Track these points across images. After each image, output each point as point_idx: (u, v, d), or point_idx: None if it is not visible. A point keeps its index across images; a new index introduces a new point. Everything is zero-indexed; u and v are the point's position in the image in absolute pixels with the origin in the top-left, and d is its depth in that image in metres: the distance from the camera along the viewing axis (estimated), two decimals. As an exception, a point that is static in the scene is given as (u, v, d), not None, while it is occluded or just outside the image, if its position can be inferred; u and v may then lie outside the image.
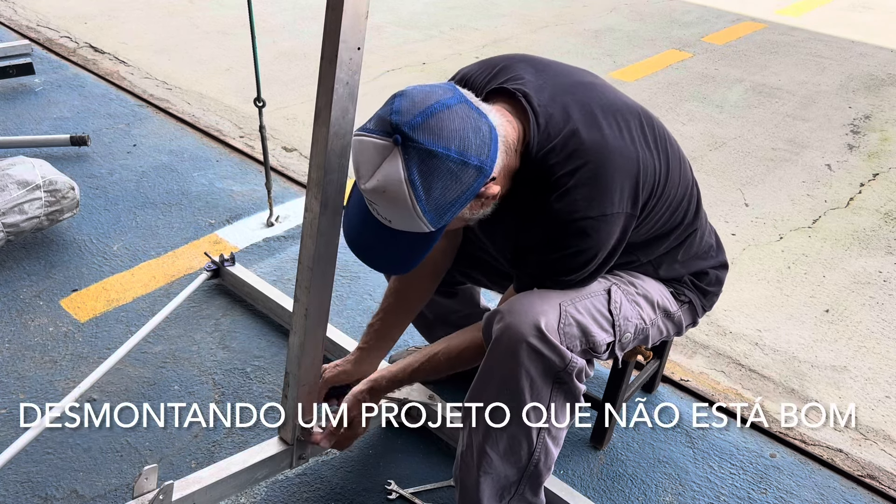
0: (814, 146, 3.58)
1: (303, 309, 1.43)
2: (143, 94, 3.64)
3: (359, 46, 1.18)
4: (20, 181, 2.30)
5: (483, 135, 1.12)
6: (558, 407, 1.32)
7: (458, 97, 1.13)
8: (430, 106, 1.09)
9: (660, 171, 1.30)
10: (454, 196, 1.11)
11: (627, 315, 1.40)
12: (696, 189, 1.48)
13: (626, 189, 1.23)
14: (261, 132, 2.43)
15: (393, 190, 1.08)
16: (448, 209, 1.12)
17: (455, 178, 1.09)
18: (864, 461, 1.87)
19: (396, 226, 1.14)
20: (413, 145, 1.07)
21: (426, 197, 1.08)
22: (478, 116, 1.13)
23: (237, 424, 1.84)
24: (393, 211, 1.11)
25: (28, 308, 2.17)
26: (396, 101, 1.11)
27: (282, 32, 4.71)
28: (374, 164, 1.09)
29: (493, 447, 1.34)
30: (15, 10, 4.71)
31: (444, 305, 1.78)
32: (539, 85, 1.28)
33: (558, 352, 1.25)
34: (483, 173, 1.12)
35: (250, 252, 2.50)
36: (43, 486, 1.65)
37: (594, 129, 1.23)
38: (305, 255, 1.37)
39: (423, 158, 1.07)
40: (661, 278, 1.51)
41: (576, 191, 1.20)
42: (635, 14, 5.55)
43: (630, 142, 1.26)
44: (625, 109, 1.30)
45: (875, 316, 2.41)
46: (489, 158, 1.12)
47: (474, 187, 1.12)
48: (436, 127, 1.07)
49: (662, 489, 1.75)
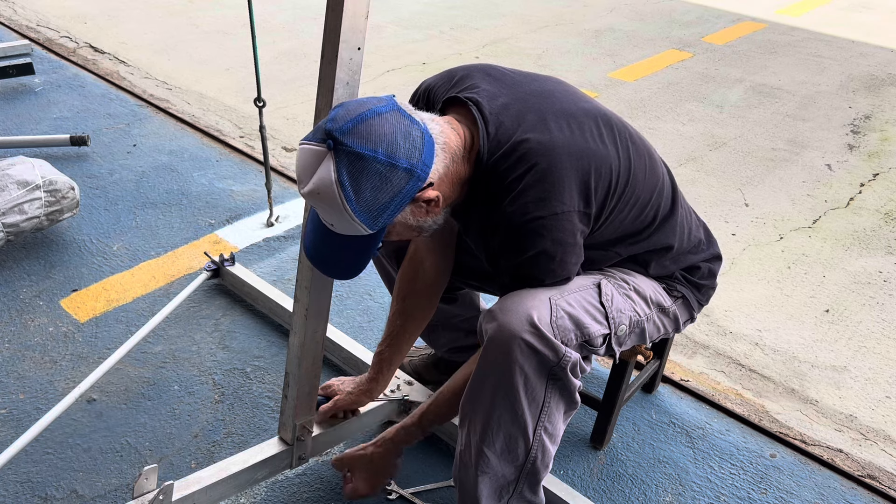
0: (814, 146, 3.58)
1: (303, 308, 1.43)
2: (143, 94, 3.64)
3: (359, 46, 1.19)
4: (20, 181, 2.30)
5: (414, 139, 1.16)
6: (554, 404, 1.32)
7: (392, 105, 1.17)
8: (361, 113, 1.14)
9: (619, 167, 1.31)
10: (387, 198, 1.15)
11: (620, 307, 1.40)
12: (671, 186, 1.48)
13: (574, 187, 1.25)
14: (261, 132, 2.44)
15: (325, 192, 1.13)
16: (381, 211, 1.16)
17: (384, 180, 1.13)
18: (864, 461, 1.87)
19: (339, 230, 1.18)
20: (343, 149, 1.12)
21: (356, 197, 1.13)
22: (409, 123, 1.17)
23: (237, 424, 1.84)
24: (330, 214, 1.16)
25: (28, 308, 2.18)
26: (334, 111, 1.16)
27: (282, 32, 4.71)
28: (311, 169, 1.14)
29: (490, 447, 1.35)
30: (15, 10, 4.71)
31: (446, 311, 1.78)
32: (493, 93, 1.32)
33: (552, 345, 1.26)
34: (414, 175, 1.16)
35: (250, 252, 2.50)
36: (43, 486, 1.65)
37: (543, 133, 1.26)
38: (305, 255, 1.37)
39: (352, 161, 1.12)
40: (652, 276, 1.51)
41: (526, 193, 1.23)
42: (635, 14, 5.55)
43: (581, 140, 1.28)
44: (580, 114, 1.32)
45: (875, 316, 2.41)
46: (420, 162, 1.16)
47: (406, 189, 1.16)
48: (364, 132, 1.12)
49: (662, 489, 1.75)
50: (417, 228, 1.27)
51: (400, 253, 1.67)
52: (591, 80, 4.20)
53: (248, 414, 1.87)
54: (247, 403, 1.90)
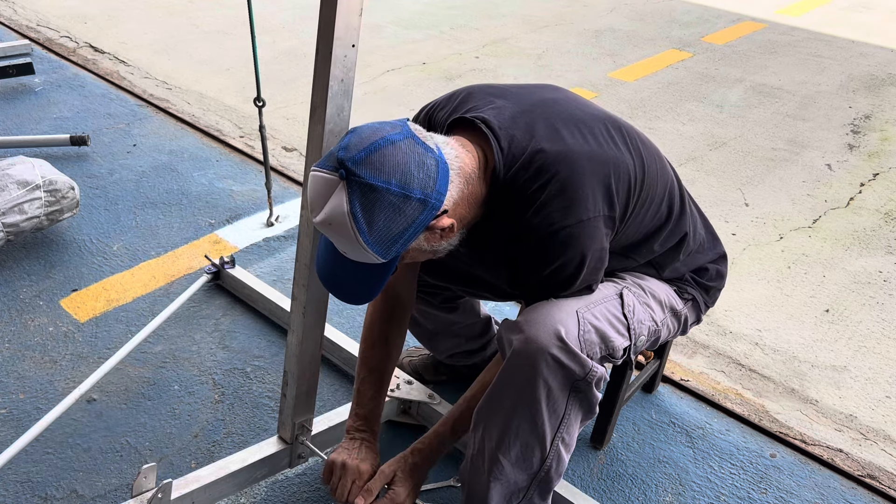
0: (814, 146, 3.58)
1: (300, 307, 1.43)
2: (143, 94, 3.64)
3: (353, 44, 1.18)
4: (20, 181, 2.30)
5: (428, 169, 1.13)
6: (573, 415, 1.32)
7: (406, 133, 1.15)
8: (374, 142, 1.12)
9: (635, 168, 1.31)
10: (400, 228, 1.13)
11: (641, 318, 1.41)
12: (680, 184, 1.50)
13: (598, 192, 1.25)
14: (261, 132, 2.43)
15: (337, 223, 1.11)
16: (395, 241, 1.13)
17: (397, 211, 1.11)
18: (864, 461, 1.87)
19: (352, 257, 1.16)
20: (356, 179, 1.10)
21: (368, 229, 1.11)
22: (423, 151, 1.14)
23: (237, 424, 1.84)
24: (343, 243, 1.14)
25: (28, 308, 2.17)
26: (346, 138, 1.14)
27: (282, 32, 4.71)
28: (323, 199, 1.12)
29: (506, 454, 1.34)
30: (15, 10, 4.71)
31: (447, 319, 1.78)
32: (498, 108, 1.30)
33: (580, 360, 1.25)
34: (428, 206, 1.13)
35: (250, 252, 2.50)
36: (43, 486, 1.65)
37: (558, 142, 1.25)
38: (303, 253, 1.37)
39: (365, 192, 1.10)
40: (665, 279, 1.52)
41: (550, 203, 1.22)
42: (635, 14, 5.55)
43: (596, 146, 1.27)
44: (588, 119, 1.32)
45: (875, 316, 2.41)
46: (435, 192, 1.14)
47: (420, 219, 1.14)
48: (378, 162, 1.10)
49: (662, 489, 1.75)
50: (432, 252, 1.26)
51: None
52: (591, 80, 4.20)
53: (248, 414, 1.87)
54: (247, 403, 1.90)
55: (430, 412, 1.77)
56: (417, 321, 1.81)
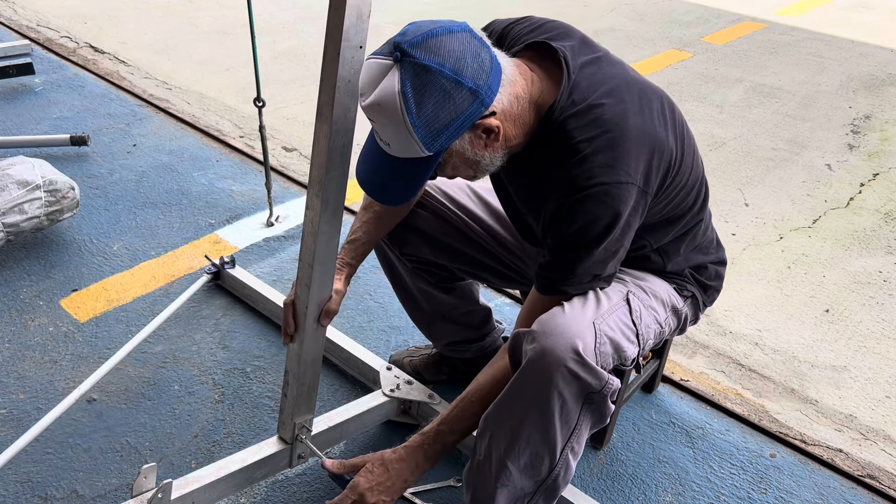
0: (814, 146, 3.58)
1: (303, 307, 1.43)
2: (143, 94, 3.64)
3: (361, 45, 1.19)
4: (20, 181, 2.30)
5: (483, 61, 1.13)
6: (584, 425, 1.31)
7: (464, 27, 1.15)
8: (432, 29, 1.13)
9: (676, 153, 1.31)
10: (448, 117, 1.12)
11: (648, 323, 1.41)
12: (706, 182, 1.50)
13: (641, 163, 1.24)
14: (261, 132, 2.44)
15: (387, 103, 1.11)
16: (441, 130, 1.13)
17: (448, 97, 1.11)
18: (864, 461, 1.87)
19: (395, 151, 1.16)
20: (410, 60, 1.10)
21: (417, 111, 1.10)
22: (480, 46, 1.15)
23: (237, 424, 1.84)
24: (389, 130, 1.13)
25: (28, 308, 2.18)
26: (406, 27, 1.15)
27: (282, 32, 4.71)
28: (375, 82, 1.12)
29: (515, 462, 1.33)
30: (15, 10, 4.71)
31: (443, 301, 1.78)
32: (576, 51, 1.30)
33: (596, 374, 1.24)
34: (478, 98, 1.13)
35: (250, 252, 2.50)
36: (43, 486, 1.65)
37: (617, 102, 1.25)
38: (306, 253, 1.37)
39: (417, 72, 1.10)
40: (666, 272, 1.52)
41: (593, 157, 1.21)
42: (635, 14, 5.55)
43: (650, 121, 1.27)
44: (649, 91, 1.32)
45: (875, 316, 2.41)
46: (486, 85, 1.13)
47: (469, 112, 1.13)
48: (434, 46, 1.11)
49: (662, 489, 1.75)
50: (474, 164, 1.24)
51: (403, 240, 1.67)
52: (591, 80, 4.19)
53: (248, 414, 1.87)
54: (247, 403, 1.90)
55: (430, 412, 1.77)
56: (417, 302, 1.80)
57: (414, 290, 1.79)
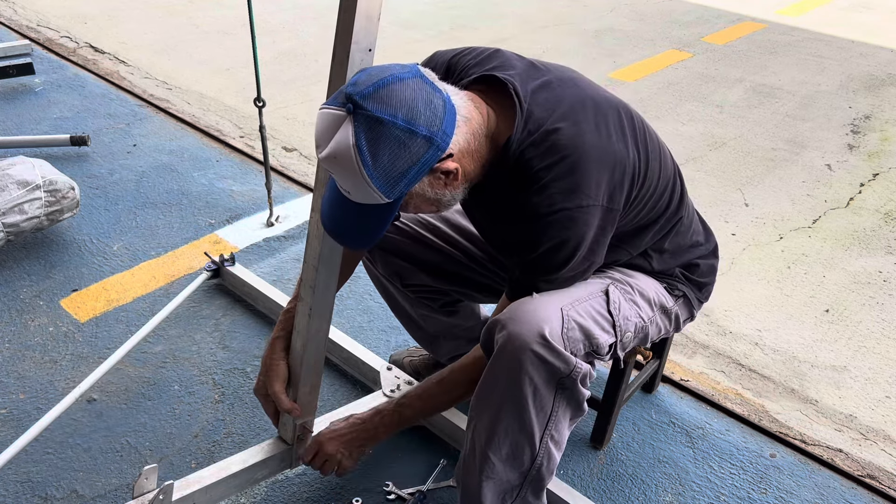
0: (814, 146, 3.58)
1: (307, 308, 1.43)
2: (143, 94, 3.64)
3: (370, 48, 1.19)
4: (20, 181, 2.30)
5: (435, 108, 1.13)
6: (562, 413, 1.32)
7: (414, 72, 1.15)
8: (382, 78, 1.12)
9: (639, 163, 1.31)
10: (405, 166, 1.12)
11: (627, 315, 1.40)
12: (680, 178, 1.49)
13: (602, 182, 1.24)
14: (261, 132, 2.44)
15: (342, 156, 1.10)
16: (399, 179, 1.12)
17: (403, 147, 1.11)
18: (864, 461, 1.87)
19: (355, 198, 1.16)
20: (362, 113, 1.09)
21: (373, 163, 1.10)
22: (431, 91, 1.14)
23: (237, 424, 1.84)
24: (347, 180, 1.13)
25: (28, 308, 2.18)
26: (356, 76, 1.14)
27: (282, 32, 4.71)
28: (330, 133, 1.11)
29: (496, 452, 1.34)
30: (15, 10, 4.71)
31: (447, 323, 1.78)
32: (524, 77, 1.29)
33: (563, 358, 1.25)
34: (433, 145, 1.13)
35: (250, 252, 2.50)
36: (43, 486, 1.65)
37: (572, 125, 1.25)
38: (311, 255, 1.37)
39: (371, 125, 1.09)
40: (655, 271, 1.51)
41: (553, 184, 1.22)
42: (635, 14, 5.55)
43: (607, 138, 1.27)
44: (604, 104, 1.32)
45: (875, 316, 2.41)
46: (440, 131, 1.13)
47: (425, 158, 1.13)
48: (385, 96, 1.10)
49: (662, 489, 1.75)
50: (435, 202, 1.24)
51: (401, 272, 1.67)
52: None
53: (249, 414, 1.87)
54: (247, 403, 1.90)
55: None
56: (419, 325, 1.81)
57: (415, 316, 1.80)
